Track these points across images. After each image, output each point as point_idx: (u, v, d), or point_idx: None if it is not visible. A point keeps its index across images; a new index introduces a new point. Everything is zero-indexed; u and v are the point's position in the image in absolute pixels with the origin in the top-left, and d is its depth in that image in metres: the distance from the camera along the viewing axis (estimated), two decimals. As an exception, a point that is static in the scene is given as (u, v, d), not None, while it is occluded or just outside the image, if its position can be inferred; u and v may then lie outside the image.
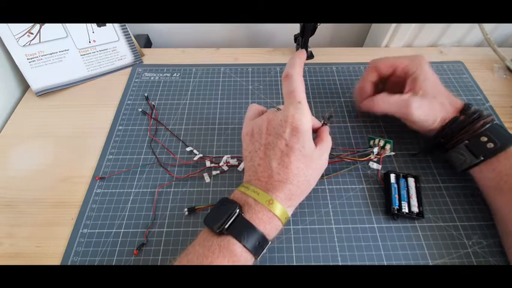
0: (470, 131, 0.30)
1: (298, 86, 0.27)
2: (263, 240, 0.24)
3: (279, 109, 0.28)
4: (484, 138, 0.29)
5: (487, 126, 0.29)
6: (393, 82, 0.35)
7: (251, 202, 0.24)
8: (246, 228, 0.23)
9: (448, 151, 0.32)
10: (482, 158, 0.28)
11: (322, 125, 0.31)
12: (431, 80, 0.32)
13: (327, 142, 0.29)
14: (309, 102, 0.41)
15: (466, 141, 0.29)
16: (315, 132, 0.30)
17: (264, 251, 0.24)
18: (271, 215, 0.24)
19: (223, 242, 0.23)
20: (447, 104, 0.31)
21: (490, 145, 0.28)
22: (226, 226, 0.23)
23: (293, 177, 0.25)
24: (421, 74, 0.32)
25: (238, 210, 0.24)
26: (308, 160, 0.26)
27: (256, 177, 0.26)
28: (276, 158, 0.26)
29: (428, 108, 0.31)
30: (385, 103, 0.33)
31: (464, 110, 0.31)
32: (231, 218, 0.23)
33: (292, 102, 0.26)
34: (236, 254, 0.22)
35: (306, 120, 0.26)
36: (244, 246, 0.22)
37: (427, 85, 0.32)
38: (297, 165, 0.25)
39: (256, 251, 0.23)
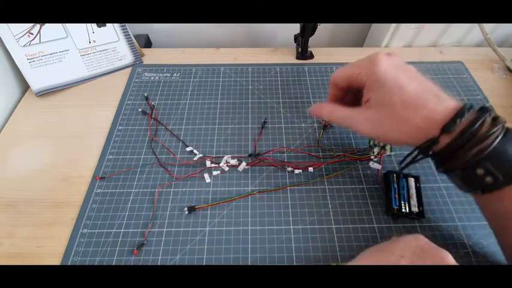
0: (459, 160, 0.22)
1: None
2: None
3: None
4: (480, 171, 0.21)
5: (485, 153, 0.21)
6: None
7: None
8: None
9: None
10: (480, 192, 0.23)
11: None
12: (386, 89, 0.24)
13: None
14: (308, 102, 0.41)
15: (459, 171, 0.23)
16: None
17: None
18: None
19: None
20: (415, 117, 0.23)
21: (489, 180, 0.21)
22: None
23: None
24: (374, 82, 0.25)
25: None
26: None
27: None
28: None
29: (378, 122, 0.25)
30: (330, 114, 0.29)
31: (446, 128, 0.21)
32: None
33: None
34: None
35: None
36: None
37: (379, 96, 0.25)
38: None
39: None
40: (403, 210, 0.30)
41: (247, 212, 0.31)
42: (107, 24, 0.43)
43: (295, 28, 0.46)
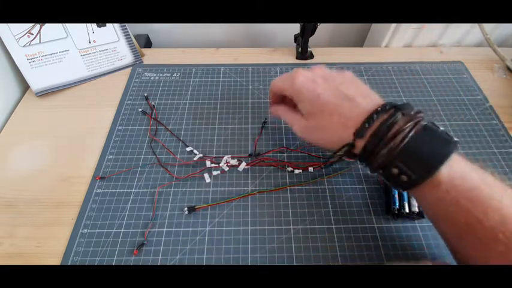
0: (375, 162, 0.23)
1: None
2: None
3: None
4: (395, 170, 0.22)
5: (395, 153, 0.21)
6: None
7: None
8: None
9: None
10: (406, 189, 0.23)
11: None
12: (307, 101, 0.27)
13: None
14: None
15: (381, 172, 0.23)
16: None
17: None
18: None
19: None
20: (334, 124, 0.25)
21: (404, 178, 0.21)
22: None
23: None
24: (296, 96, 0.28)
25: None
26: None
27: None
28: None
29: (310, 131, 0.28)
30: (284, 115, 0.32)
31: (358, 133, 0.23)
32: None
33: None
34: None
35: None
36: None
37: (304, 107, 0.28)
38: None
39: None
40: (403, 210, 0.30)
41: (247, 212, 0.31)
42: (107, 24, 0.43)
43: (295, 28, 0.46)
